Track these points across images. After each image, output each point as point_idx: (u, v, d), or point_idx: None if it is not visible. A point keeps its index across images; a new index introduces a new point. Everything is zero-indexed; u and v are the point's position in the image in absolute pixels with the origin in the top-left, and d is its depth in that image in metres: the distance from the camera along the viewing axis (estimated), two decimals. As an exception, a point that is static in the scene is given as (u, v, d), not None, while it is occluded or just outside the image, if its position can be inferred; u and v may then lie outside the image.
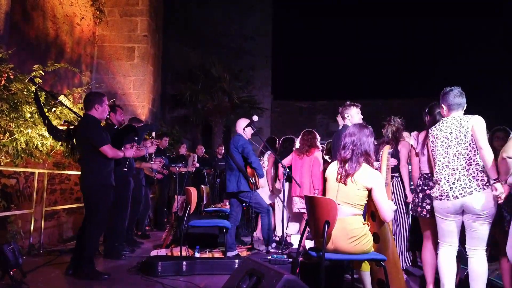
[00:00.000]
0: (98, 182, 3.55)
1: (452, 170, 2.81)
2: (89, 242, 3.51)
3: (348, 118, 4.14)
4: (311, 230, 2.83)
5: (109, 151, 3.56)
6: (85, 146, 3.60)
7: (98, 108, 3.68)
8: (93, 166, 3.55)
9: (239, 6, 14.99)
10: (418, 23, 17.53)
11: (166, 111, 13.67)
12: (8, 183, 4.78)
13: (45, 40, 6.61)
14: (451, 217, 2.83)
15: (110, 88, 8.44)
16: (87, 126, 3.60)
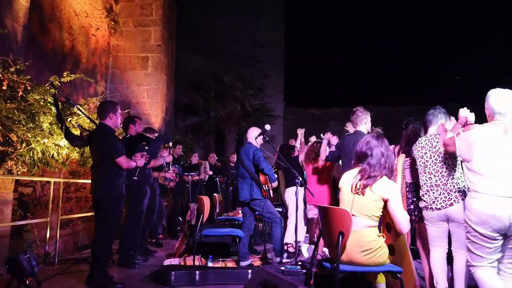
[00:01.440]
0: (111, 191, 3.57)
1: (431, 187, 3.12)
2: (100, 250, 3.53)
3: (366, 124, 4.11)
4: (324, 241, 2.80)
5: (124, 162, 3.59)
6: (99, 155, 3.63)
7: (112, 116, 3.73)
8: (107, 175, 3.58)
9: (251, 14, 15.10)
10: (422, 27, 17.36)
11: (179, 119, 13.78)
12: (24, 192, 4.87)
13: (61, 51, 6.75)
14: (437, 224, 3.12)
15: (125, 97, 8.54)
16: (104, 136, 3.63)
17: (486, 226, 2.41)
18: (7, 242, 4.05)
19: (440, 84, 15.82)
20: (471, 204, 2.51)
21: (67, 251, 5.57)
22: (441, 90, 14.99)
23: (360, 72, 18.13)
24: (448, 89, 15.27)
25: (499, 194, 2.39)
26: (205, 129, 13.35)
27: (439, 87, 15.46)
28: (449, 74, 15.60)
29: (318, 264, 2.78)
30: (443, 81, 15.85)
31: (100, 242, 3.54)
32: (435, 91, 15.44)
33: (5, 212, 3.99)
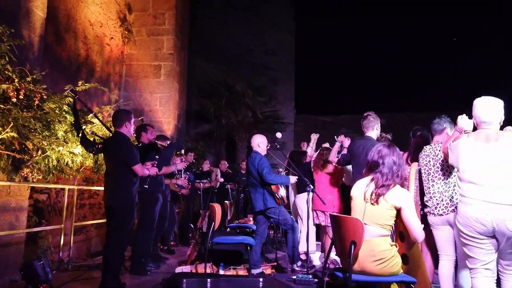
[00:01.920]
0: (125, 199, 3.61)
1: (434, 194, 3.24)
2: (114, 257, 3.55)
3: (376, 130, 4.10)
4: (336, 250, 2.78)
5: (140, 170, 3.64)
6: (114, 162, 3.67)
7: (127, 125, 3.79)
8: (122, 183, 3.62)
9: (262, 22, 15.21)
10: (437, 30, 17.20)
11: (190, 127, 13.88)
12: (39, 198, 4.95)
13: (76, 61, 6.88)
14: (441, 228, 3.21)
15: (138, 105, 8.66)
16: (120, 144, 3.68)
17: (470, 228, 2.55)
18: (22, 248, 4.11)
19: (455, 91, 15.64)
20: (460, 208, 2.68)
21: (80, 257, 5.63)
22: (455, 97, 14.81)
23: (372, 79, 18.05)
24: (463, 96, 15.09)
25: (484, 199, 2.51)
26: (217, 136, 13.43)
27: (454, 94, 15.28)
28: (465, 81, 15.39)
29: (330, 273, 2.76)
30: (458, 88, 15.66)
31: (114, 249, 3.56)
32: (449, 98, 15.26)
33: (20, 218, 4.06)
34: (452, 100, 14.76)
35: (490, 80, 12.42)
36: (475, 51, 14.73)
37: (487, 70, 12.74)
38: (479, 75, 12.80)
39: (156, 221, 4.89)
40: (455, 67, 15.88)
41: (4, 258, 3.82)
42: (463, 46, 15.83)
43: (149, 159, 4.29)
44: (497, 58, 12.62)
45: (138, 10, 8.91)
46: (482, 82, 12.00)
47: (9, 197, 3.91)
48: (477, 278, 2.59)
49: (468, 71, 14.18)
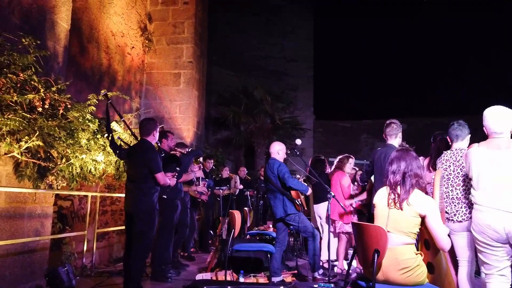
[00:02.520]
0: (148, 206, 3.64)
1: (452, 200, 3.20)
2: (136, 265, 3.58)
3: (399, 138, 4.04)
4: (359, 259, 2.72)
5: (162, 178, 3.67)
6: (139, 169, 3.71)
7: (155, 134, 3.88)
8: (144, 190, 3.66)
9: (281, 29, 15.26)
10: (456, 33, 16.80)
11: (210, 134, 13.99)
12: (63, 205, 5.06)
13: (99, 70, 7.05)
14: (460, 234, 3.15)
15: (158, 112, 8.79)
16: (147, 151, 3.73)
17: (484, 235, 2.64)
18: (47, 254, 4.20)
19: (480, 94, 15.23)
20: (473, 215, 2.75)
21: (102, 263, 5.71)
22: (480, 100, 14.42)
23: (392, 84, 17.78)
24: (489, 99, 14.66)
25: (494, 206, 2.58)
26: (235, 143, 13.48)
27: (479, 98, 14.88)
28: (487, 86, 14.97)
29: (353, 282, 2.70)
30: (483, 92, 15.24)
31: (136, 256, 3.58)
32: (472, 102, 14.87)
33: (45, 225, 4.15)
34: (472, 105, 14.38)
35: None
36: (499, 57, 14.32)
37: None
38: (502, 80, 12.39)
39: (176, 228, 4.91)
40: (477, 71, 15.48)
41: (30, 264, 3.91)
42: (488, 49, 15.43)
43: (170, 169, 4.34)
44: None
45: (158, 19, 9.08)
46: (504, 87, 11.62)
47: (35, 204, 4.00)
48: (492, 283, 2.67)
49: (490, 75, 13.79)
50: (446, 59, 17.42)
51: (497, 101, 2.95)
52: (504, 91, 13.59)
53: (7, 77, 3.43)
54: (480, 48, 16.11)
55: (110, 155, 4.88)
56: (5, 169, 3.65)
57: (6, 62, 3.47)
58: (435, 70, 17.65)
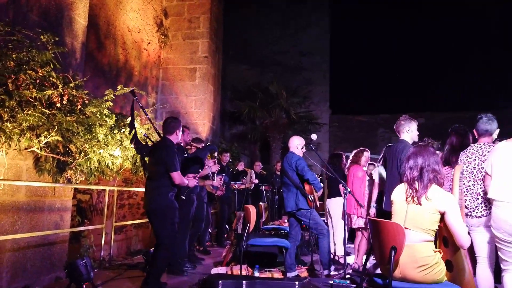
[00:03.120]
0: (165, 204, 3.66)
1: (473, 195, 3.15)
2: (159, 262, 3.61)
3: (409, 133, 3.98)
4: (375, 255, 2.68)
5: (177, 178, 3.67)
6: (158, 167, 3.74)
7: (178, 133, 3.89)
8: (161, 189, 3.67)
9: (296, 23, 15.12)
10: (476, 28, 16.31)
11: (225, 128, 14.03)
12: (82, 198, 5.16)
13: (116, 66, 7.13)
14: (478, 230, 3.10)
15: (174, 107, 8.85)
16: (165, 149, 3.74)
17: (501, 230, 2.65)
18: (66, 247, 4.30)
19: (495, 90, 14.81)
20: (493, 211, 2.76)
21: (120, 256, 5.81)
22: (504, 95, 14.00)
23: (410, 78, 17.44)
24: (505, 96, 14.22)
25: (510, 201, 2.62)
26: (251, 137, 13.48)
27: (502, 93, 14.44)
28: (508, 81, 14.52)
29: (369, 279, 2.67)
30: (507, 86, 14.79)
31: (160, 255, 3.59)
32: (496, 97, 14.46)
33: (65, 218, 4.24)
34: (495, 99, 14.00)
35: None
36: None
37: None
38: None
39: (192, 223, 4.95)
40: (502, 65, 15.01)
41: (50, 256, 4.01)
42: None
43: (192, 170, 4.36)
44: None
45: (174, 14, 9.11)
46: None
47: (54, 198, 4.09)
48: (507, 276, 2.72)
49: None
50: (468, 52, 16.98)
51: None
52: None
53: (26, 73, 3.50)
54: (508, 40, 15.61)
55: (127, 150, 4.94)
56: (25, 164, 3.74)
57: (25, 58, 3.54)
58: (455, 63, 17.23)
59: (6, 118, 3.30)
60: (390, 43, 17.88)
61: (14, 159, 3.62)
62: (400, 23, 17.61)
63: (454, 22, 16.83)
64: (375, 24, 17.79)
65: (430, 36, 17.47)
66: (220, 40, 10.16)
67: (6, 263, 3.51)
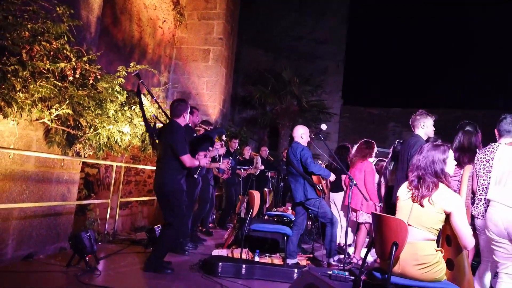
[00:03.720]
0: (176, 187, 3.69)
1: (478, 196, 3.11)
2: (164, 242, 3.66)
3: (423, 128, 3.93)
4: (376, 250, 2.68)
5: (188, 160, 3.68)
6: (166, 151, 3.76)
7: (185, 116, 3.88)
8: (171, 172, 3.69)
9: (313, 10, 14.86)
10: (493, 26, 15.84)
11: (235, 112, 14.01)
12: (90, 172, 5.22)
13: (130, 42, 7.11)
14: (483, 234, 3.02)
15: (185, 88, 8.84)
16: (174, 133, 3.74)
17: (489, 229, 2.76)
18: (72, 218, 4.37)
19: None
20: (487, 210, 2.84)
21: (124, 231, 5.90)
22: None
23: (425, 73, 17.13)
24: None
25: (501, 201, 2.68)
26: (260, 123, 13.46)
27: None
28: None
29: (368, 272, 2.68)
30: None
31: (166, 235, 3.66)
32: (507, 97, 14.16)
33: (72, 191, 4.31)
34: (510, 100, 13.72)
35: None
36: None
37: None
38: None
39: (198, 204, 4.99)
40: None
41: (56, 227, 4.09)
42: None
43: (202, 149, 4.37)
44: None
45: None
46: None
47: (62, 170, 4.15)
48: (499, 284, 2.75)
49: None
50: (485, 51, 16.56)
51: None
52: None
53: (41, 44, 3.50)
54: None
55: (136, 127, 4.96)
56: (36, 134, 3.78)
57: (40, 30, 3.54)
58: (472, 62, 16.85)
59: (18, 88, 3.31)
60: (409, 38, 17.51)
61: (25, 130, 3.66)
62: (421, 18, 17.22)
63: (480, 20, 16.39)
64: (395, 17, 17.41)
65: (449, 33, 17.06)
66: (236, 22, 10.04)
67: (13, 231, 3.59)
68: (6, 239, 3.51)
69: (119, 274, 3.50)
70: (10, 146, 3.50)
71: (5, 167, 3.48)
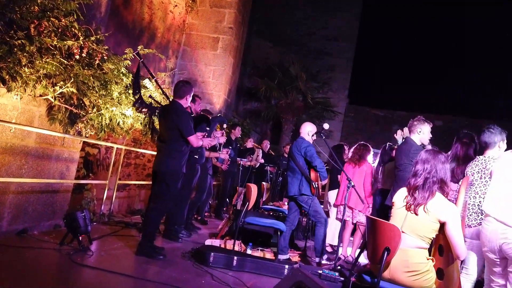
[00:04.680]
0: (175, 168, 3.71)
1: (472, 206, 3.09)
2: (152, 222, 3.69)
3: (419, 134, 3.93)
4: (368, 253, 2.68)
5: (195, 141, 3.73)
6: (171, 131, 3.76)
7: (188, 98, 3.89)
8: (174, 153, 3.72)
9: (326, 6, 14.71)
10: None
11: (239, 103, 13.97)
12: (91, 152, 5.23)
13: (140, 24, 7.07)
14: (468, 241, 3.02)
15: (192, 75, 8.81)
16: (179, 114, 3.74)
17: (483, 245, 2.66)
18: (69, 197, 4.39)
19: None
20: (482, 225, 2.75)
21: (120, 212, 5.94)
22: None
23: (433, 79, 16.99)
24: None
25: (495, 216, 2.56)
26: (264, 116, 13.43)
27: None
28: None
29: (358, 274, 2.68)
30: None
31: (154, 215, 3.69)
32: None
33: (70, 169, 4.32)
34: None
35: None
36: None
37: None
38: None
39: (195, 193, 5.00)
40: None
41: (52, 204, 4.11)
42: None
43: (199, 130, 4.37)
44: None
45: (204, -20, 8.93)
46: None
47: (63, 148, 4.15)
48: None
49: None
50: (494, 58, 16.37)
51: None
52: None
53: (49, 20, 3.48)
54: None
55: (139, 111, 4.96)
56: (38, 110, 3.78)
57: (50, 5, 3.51)
58: (483, 71, 16.69)
59: (24, 63, 3.30)
60: (419, 42, 17.33)
61: (28, 105, 3.66)
62: (434, 22, 17.01)
63: (493, 28, 16.20)
64: (408, 19, 17.22)
65: (461, 40, 16.87)
66: (247, 13, 9.96)
67: (9, 204, 3.61)
68: (2, 212, 3.54)
69: (111, 256, 3.53)
70: (12, 120, 3.50)
71: (5, 141, 3.49)
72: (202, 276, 3.40)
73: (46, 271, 2.97)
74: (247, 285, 3.32)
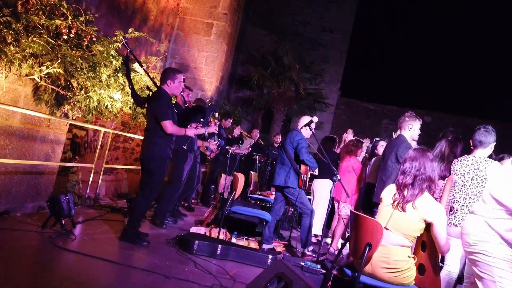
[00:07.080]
0: (157, 154, 3.67)
1: (461, 207, 3.08)
2: (138, 208, 3.67)
3: (410, 131, 3.94)
4: (350, 247, 2.71)
5: (169, 126, 3.65)
6: (151, 118, 3.73)
7: (170, 84, 3.80)
8: (153, 140, 3.68)
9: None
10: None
11: (231, 90, 13.89)
12: (78, 134, 5.16)
13: (132, 6, 6.92)
14: (453, 240, 3.02)
15: (184, 60, 8.69)
16: (156, 99, 3.72)
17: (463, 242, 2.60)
18: (54, 179, 4.33)
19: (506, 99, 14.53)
20: (465, 220, 2.65)
21: (107, 196, 5.89)
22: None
23: (425, 75, 17.09)
24: None
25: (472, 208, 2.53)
26: (255, 104, 13.39)
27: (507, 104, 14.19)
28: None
29: (339, 268, 2.71)
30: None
31: (140, 201, 3.67)
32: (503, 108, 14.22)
33: (56, 151, 4.25)
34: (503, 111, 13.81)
35: None
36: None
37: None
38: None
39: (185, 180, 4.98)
40: None
41: (36, 185, 4.05)
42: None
43: (194, 121, 4.34)
44: None
45: (200, -37, 8.76)
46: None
47: (48, 129, 4.08)
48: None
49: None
50: (493, 58, 16.50)
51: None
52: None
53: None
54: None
55: (128, 95, 4.88)
56: (24, 90, 3.70)
57: (38, -18, 3.41)
58: (476, 68, 16.82)
59: (9, 41, 3.22)
60: (413, 37, 17.36)
61: (13, 84, 3.58)
62: (427, 19, 17.03)
63: (490, 26, 16.27)
64: (401, 14, 17.21)
65: (455, 37, 16.94)
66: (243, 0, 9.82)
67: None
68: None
69: (93, 241, 3.50)
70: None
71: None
72: (185, 263, 3.41)
73: (26, 254, 2.92)
74: (230, 274, 3.34)
